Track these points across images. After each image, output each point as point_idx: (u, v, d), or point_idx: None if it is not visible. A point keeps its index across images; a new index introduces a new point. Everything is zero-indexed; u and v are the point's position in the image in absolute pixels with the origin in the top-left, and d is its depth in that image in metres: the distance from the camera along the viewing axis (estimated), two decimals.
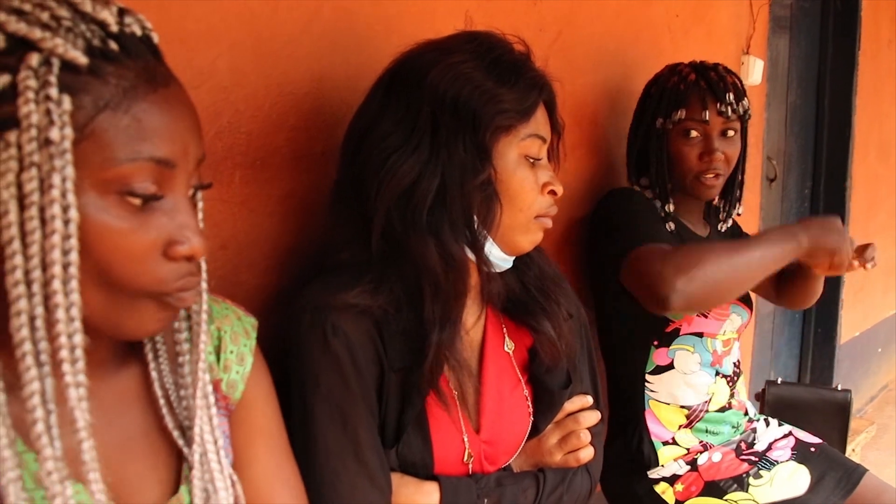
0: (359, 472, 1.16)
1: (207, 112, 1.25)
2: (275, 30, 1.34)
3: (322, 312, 1.16)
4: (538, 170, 1.24)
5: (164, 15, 1.19)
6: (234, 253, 1.32)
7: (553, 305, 1.34)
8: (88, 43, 0.73)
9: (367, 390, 1.18)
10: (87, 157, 0.73)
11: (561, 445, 1.36)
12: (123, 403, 0.91)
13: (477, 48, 1.21)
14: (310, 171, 1.40)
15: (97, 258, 0.75)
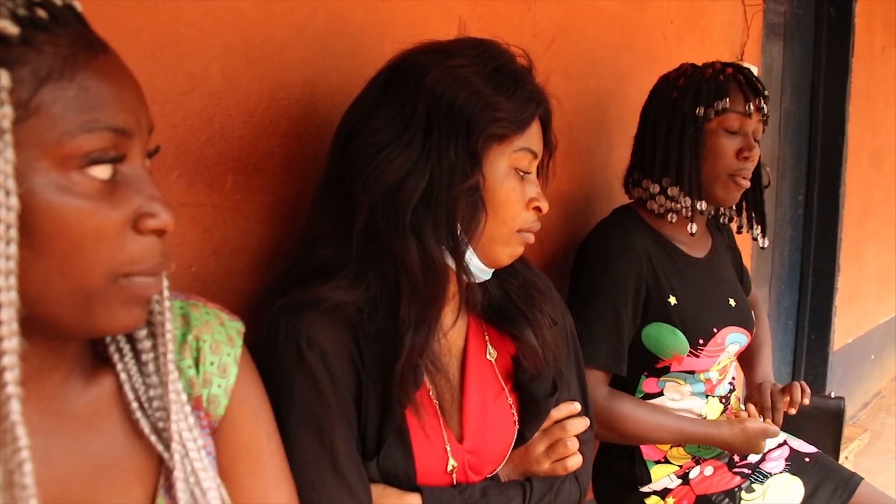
0: (337, 485, 1.14)
1: (199, 117, 1.25)
2: (267, 34, 1.34)
3: (297, 325, 1.14)
4: (526, 184, 1.23)
5: (156, 19, 1.19)
6: (226, 258, 1.31)
7: (536, 314, 1.32)
8: (13, 13, 0.67)
9: (344, 402, 1.16)
10: (38, 134, 0.67)
11: (548, 454, 1.35)
12: (93, 419, 0.84)
13: (479, 54, 1.21)
14: (302, 176, 1.40)
15: (63, 245, 0.69)
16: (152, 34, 1.19)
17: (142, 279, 0.76)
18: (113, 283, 0.74)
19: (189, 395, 0.90)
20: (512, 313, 1.32)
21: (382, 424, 1.18)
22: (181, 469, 0.84)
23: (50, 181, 0.68)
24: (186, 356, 0.91)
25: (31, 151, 0.67)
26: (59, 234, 0.69)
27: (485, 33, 1.77)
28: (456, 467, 1.25)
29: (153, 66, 1.19)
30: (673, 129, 1.86)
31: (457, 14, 1.72)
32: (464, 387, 1.29)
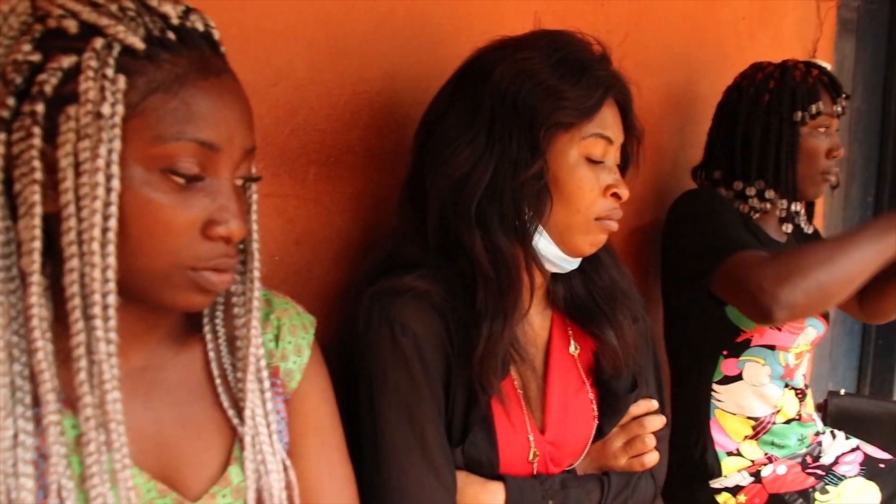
0: (425, 470, 1.17)
1: (284, 109, 1.28)
2: (349, 29, 1.36)
3: (391, 311, 1.17)
4: (601, 171, 1.22)
5: (244, 14, 1.22)
6: (308, 249, 1.33)
7: (618, 315, 1.33)
8: (148, 32, 0.79)
9: (435, 388, 1.19)
10: (136, 133, 0.78)
11: (626, 449, 1.36)
12: (184, 383, 0.95)
13: (547, 45, 1.22)
14: (381, 169, 1.42)
15: (139, 228, 0.79)
16: (241, 28, 1.22)
17: (207, 274, 0.85)
18: (179, 272, 0.83)
19: (268, 364, 0.99)
20: (595, 314, 1.33)
21: (469, 412, 1.21)
22: (250, 448, 0.94)
23: (138, 174, 0.79)
24: (268, 331, 1.02)
25: (130, 146, 0.78)
26: (136, 220, 0.79)
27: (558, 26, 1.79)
28: (538, 456, 1.27)
29: (241, 60, 1.19)
30: (769, 133, 1.88)
31: (532, 10, 1.72)
32: (547, 379, 1.31)
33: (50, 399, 0.79)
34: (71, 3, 0.79)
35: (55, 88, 0.77)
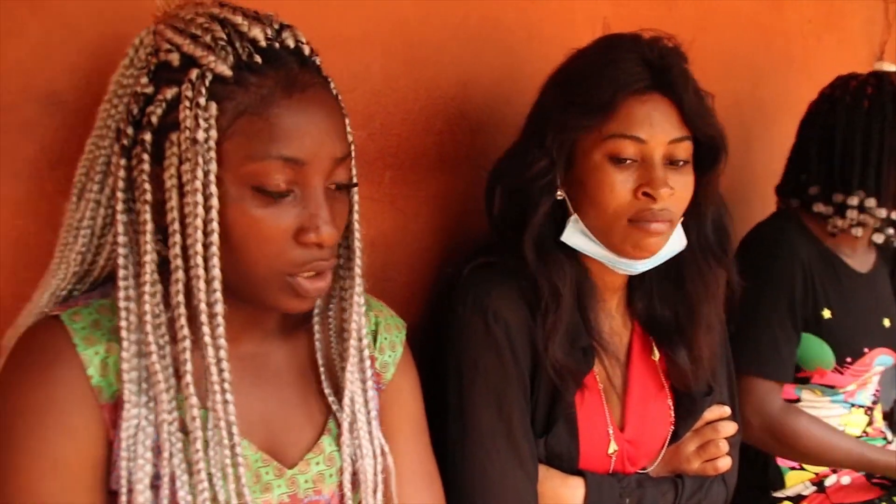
0: (510, 457, 1.20)
1: (361, 115, 1.31)
2: (425, 36, 1.39)
3: (484, 299, 1.22)
4: (634, 171, 1.20)
5: (324, 21, 1.25)
6: (383, 251, 1.36)
7: (695, 330, 1.33)
8: (237, 57, 0.85)
9: (523, 378, 1.22)
10: (230, 154, 0.85)
11: (699, 453, 1.37)
12: (289, 368, 1.03)
13: (586, 51, 1.28)
14: (454, 173, 1.45)
15: (238, 239, 0.87)
16: (320, 35, 1.23)
17: (302, 281, 0.90)
18: (277, 277, 0.89)
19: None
20: (670, 331, 1.34)
21: (553, 405, 1.24)
22: (347, 434, 1.01)
23: (234, 190, 0.86)
24: (368, 326, 1.08)
25: (225, 166, 0.85)
26: (235, 231, 0.86)
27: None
28: (616, 452, 1.30)
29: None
30: (871, 140, 1.81)
31: (601, 15, 1.73)
32: (628, 379, 1.34)
33: (164, 399, 0.87)
34: (176, 37, 0.87)
35: (160, 118, 0.86)
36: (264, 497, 0.96)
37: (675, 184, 1.20)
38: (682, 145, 1.21)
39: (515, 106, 1.54)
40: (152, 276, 0.87)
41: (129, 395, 0.87)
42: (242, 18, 0.88)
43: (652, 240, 1.22)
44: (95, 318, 0.91)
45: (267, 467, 0.97)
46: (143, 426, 0.87)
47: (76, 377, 0.87)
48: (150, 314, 0.87)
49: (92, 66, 1.03)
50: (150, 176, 0.87)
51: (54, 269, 0.97)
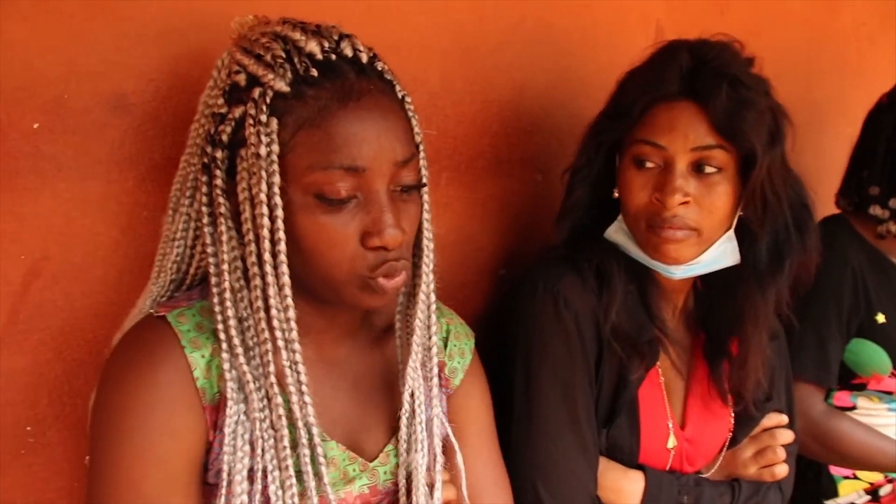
0: (573, 443, 1.22)
1: (419, 117, 1.30)
2: (481, 39, 1.40)
3: (556, 286, 1.24)
4: (655, 176, 1.21)
5: (384, 25, 1.27)
6: (438, 251, 1.36)
7: (752, 342, 1.32)
8: (295, 73, 0.88)
9: (588, 366, 1.24)
10: (293, 166, 0.88)
11: (756, 459, 1.38)
12: (370, 365, 1.07)
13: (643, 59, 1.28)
14: (509, 175, 1.45)
15: (309, 246, 0.90)
16: (380, 39, 1.25)
17: (376, 280, 0.92)
18: (352, 278, 0.92)
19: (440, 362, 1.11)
20: (728, 340, 1.34)
21: (616, 396, 1.25)
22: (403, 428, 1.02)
23: (299, 199, 0.89)
24: (441, 332, 1.12)
25: (290, 178, 0.88)
26: (305, 239, 0.90)
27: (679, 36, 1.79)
28: (675, 448, 1.31)
29: None
30: None
31: (654, 18, 1.74)
32: (690, 379, 1.35)
33: (254, 398, 0.91)
34: (243, 58, 0.91)
35: (230, 136, 0.90)
36: (346, 489, 1.00)
37: (698, 192, 1.19)
38: (712, 153, 1.18)
39: (569, 108, 1.55)
40: (236, 283, 0.92)
41: (230, 393, 0.91)
42: (301, 34, 0.90)
43: (669, 246, 1.21)
44: (199, 321, 0.95)
45: (353, 464, 1.01)
46: (241, 420, 0.91)
47: (183, 378, 0.91)
48: (235, 318, 0.92)
49: (158, 69, 1.06)
50: (225, 191, 0.92)
51: (154, 277, 1.03)
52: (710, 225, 1.21)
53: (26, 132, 0.97)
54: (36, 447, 1.05)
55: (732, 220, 1.24)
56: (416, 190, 0.96)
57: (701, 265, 1.25)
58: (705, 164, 1.19)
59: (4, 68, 0.95)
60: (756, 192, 1.21)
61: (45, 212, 1.01)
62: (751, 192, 1.21)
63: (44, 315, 1.03)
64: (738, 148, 1.18)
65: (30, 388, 1.03)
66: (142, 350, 0.92)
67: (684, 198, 1.18)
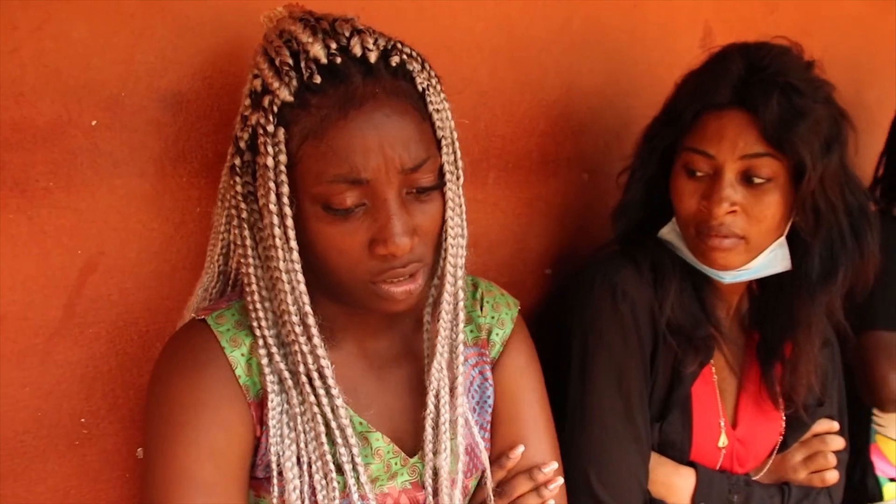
0: (627, 432, 1.23)
1: (468, 116, 1.32)
2: (530, 38, 1.40)
3: (614, 277, 1.25)
4: (704, 184, 1.20)
5: (435, 24, 1.27)
6: (485, 250, 1.38)
7: (804, 349, 1.31)
8: (300, 80, 0.86)
9: (644, 358, 1.25)
10: (301, 176, 0.87)
11: (806, 464, 1.37)
12: (409, 360, 1.06)
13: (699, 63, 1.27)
14: (556, 175, 1.45)
15: (319, 252, 0.90)
16: (431, 38, 1.27)
17: (386, 287, 0.91)
18: (361, 285, 0.91)
19: (477, 338, 1.11)
20: (781, 345, 1.33)
21: (670, 391, 1.26)
22: (428, 429, 1.00)
23: (308, 208, 0.88)
24: (476, 309, 1.13)
25: (298, 188, 0.88)
26: (315, 246, 0.89)
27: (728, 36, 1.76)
28: (726, 447, 1.31)
29: None
30: None
31: (702, 18, 1.72)
32: (743, 380, 1.35)
33: (293, 394, 0.93)
34: (261, 61, 0.90)
35: (247, 143, 0.90)
36: (390, 484, 1.00)
37: (747, 201, 1.18)
38: (761, 162, 1.17)
39: (617, 108, 1.55)
40: (266, 284, 0.93)
41: (271, 386, 0.93)
42: (310, 35, 0.88)
43: (717, 255, 1.21)
44: (238, 319, 0.97)
45: (396, 458, 1.01)
46: (286, 409, 0.93)
47: (227, 377, 0.93)
48: (267, 319, 0.93)
49: (213, 67, 1.08)
50: (244, 196, 0.92)
51: (205, 268, 1.06)
52: (758, 233, 1.20)
53: (85, 129, 0.99)
54: (90, 438, 1.07)
55: (784, 228, 1.23)
56: (435, 189, 0.93)
57: (750, 271, 1.25)
58: (754, 174, 1.17)
59: (65, 66, 0.97)
60: (807, 202, 1.19)
61: (102, 207, 1.03)
62: (802, 202, 1.19)
63: (99, 309, 1.05)
64: (788, 157, 1.16)
65: (85, 380, 1.05)
66: (186, 353, 0.95)
67: (731, 207, 1.18)
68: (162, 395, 0.93)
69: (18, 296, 0.99)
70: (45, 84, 0.96)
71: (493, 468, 1.09)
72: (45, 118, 0.96)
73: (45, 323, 1.01)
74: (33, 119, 0.96)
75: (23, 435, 1.02)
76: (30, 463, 1.03)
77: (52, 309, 1.01)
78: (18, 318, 0.99)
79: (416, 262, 0.92)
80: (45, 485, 1.04)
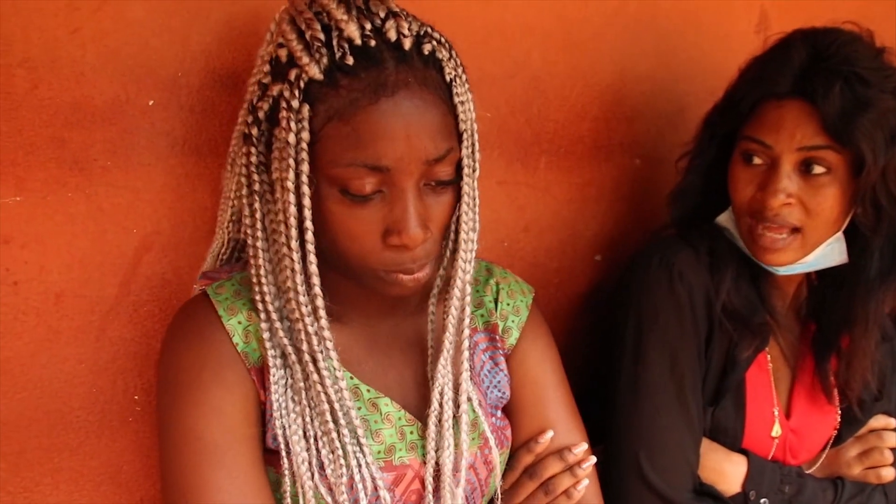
0: (679, 414, 1.21)
1: (520, 100, 1.31)
2: (583, 21, 1.38)
3: (672, 259, 1.24)
4: (761, 173, 1.19)
5: (487, 8, 1.26)
6: (535, 236, 1.37)
7: (861, 342, 1.28)
8: (332, 58, 0.83)
9: (699, 341, 1.23)
10: (320, 156, 0.85)
11: (861, 459, 1.35)
12: (418, 340, 1.05)
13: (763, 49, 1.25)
14: (608, 161, 1.43)
15: (332, 234, 0.88)
16: (483, 22, 1.26)
17: (396, 275, 0.90)
18: (370, 272, 0.90)
19: (488, 322, 1.10)
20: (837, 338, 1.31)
21: (724, 377, 1.25)
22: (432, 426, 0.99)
23: (324, 189, 0.86)
24: (488, 294, 1.11)
25: (316, 167, 0.85)
26: (328, 227, 0.88)
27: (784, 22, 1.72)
28: (779, 437, 1.29)
29: (483, 52, 1.26)
30: None
31: (758, 3, 1.69)
32: (798, 370, 1.33)
33: (297, 369, 0.92)
34: (287, 31, 0.87)
35: (266, 114, 0.87)
36: (410, 455, 0.99)
37: (804, 193, 1.16)
38: (820, 154, 1.14)
39: (671, 94, 1.53)
40: (272, 258, 0.92)
41: (272, 360, 0.92)
42: (345, 12, 0.85)
43: (769, 255, 1.20)
44: (237, 289, 0.97)
45: (412, 426, 1.00)
46: (290, 383, 0.93)
47: (225, 342, 0.93)
48: (271, 293, 0.92)
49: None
50: (259, 167, 0.90)
51: (216, 234, 1.05)
52: (814, 226, 1.18)
53: (143, 109, 1.00)
54: (143, 415, 1.09)
55: (842, 222, 1.20)
56: (452, 183, 0.92)
57: (805, 265, 1.23)
58: (814, 165, 1.15)
59: (124, 46, 0.98)
60: (867, 196, 1.16)
61: (158, 187, 1.04)
62: (862, 196, 1.16)
63: (153, 287, 1.06)
64: (849, 150, 1.14)
65: (139, 357, 1.07)
66: (187, 323, 0.95)
67: (787, 199, 1.16)
68: (167, 363, 0.94)
69: (75, 273, 1.00)
70: (105, 64, 0.97)
71: (521, 452, 1.09)
72: (104, 98, 0.97)
73: (100, 300, 1.03)
74: (93, 98, 0.97)
75: (78, 410, 1.04)
76: (84, 438, 1.05)
77: (108, 287, 1.03)
78: (75, 296, 1.01)
79: (425, 258, 0.91)
80: (99, 459, 1.06)
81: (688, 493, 1.21)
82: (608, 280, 1.50)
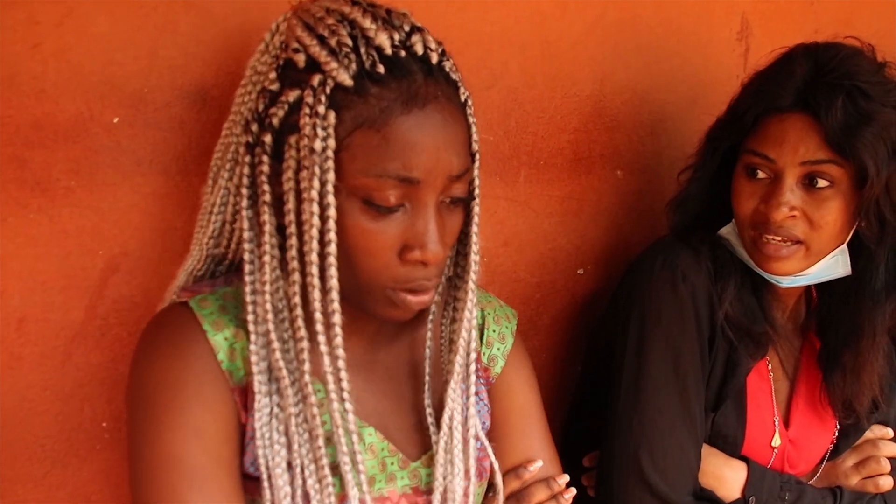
0: (681, 416, 1.21)
1: (498, 112, 1.29)
2: (562, 31, 1.35)
3: (675, 260, 1.24)
4: (763, 187, 1.19)
5: (464, 18, 1.24)
6: (515, 250, 1.35)
7: (863, 355, 1.28)
8: (360, 66, 0.82)
9: (702, 343, 1.23)
10: (345, 164, 0.82)
11: (858, 469, 1.37)
12: (403, 369, 1.03)
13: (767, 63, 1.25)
14: (589, 173, 1.41)
15: (345, 247, 0.85)
16: (460, 32, 1.24)
17: (403, 295, 0.88)
18: (378, 289, 0.88)
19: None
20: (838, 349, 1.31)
21: (725, 382, 1.24)
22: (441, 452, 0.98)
23: (344, 201, 0.84)
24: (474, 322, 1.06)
25: (339, 175, 0.83)
26: (343, 239, 0.85)
27: (766, 30, 1.72)
28: (779, 447, 1.29)
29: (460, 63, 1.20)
30: None
31: (740, 10, 1.67)
32: (797, 381, 1.34)
33: (289, 393, 0.88)
34: (304, 36, 0.85)
35: (281, 120, 0.84)
36: (389, 487, 0.96)
37: (807, 206, 1.16)
38: (823, 168, 1.15)
39: (653, 104, 1.51)
40: (272, 275, 0.88)
41: (258, 386, 0.88)
42: (371, 21, 0.84)
43: (773, 264, 1.20)
44: (221, 304, 0.93)
45: (393, 458, 0.98)
46: (276, 413, 0.89)
47: (208, 359, 0.89)
48: (272, 311, 0.88)
49: (238, 62, 1.04)
50: (270, 177, 0.87)
51: (192, 250, 1.00)
52: (818, 239, 1.18)
53: (107, 126, 0.97)
54: (112, 442, 1.05)
55: (846, 234, 1.21)
56: (463, 202, 0.91)
57: (808, 276, 1.23)
58: (817, 179, 1.15)
59: (87, 62, 0.95)
60: (871, 209, 1.17)
61: (124, 206, 1.01)
62: (865, 209, 1.16)
63: (121, 310, 1.03)
64: (852, 163, 1.14)
65: (107, 382, 1.03)
66: (166, 334, 0.91)
67: (790, 212, 1.16)
68: (143, 378, 0.89)
69: (39, 297, 0.97)
70: (67, 80, 0.94)
71: (508, 478, 1.08)
72: (67, 115, 0.94)
73: (66, 324, 0.99)
74: (55, 116, 0.94)
75: (43, 439, 1.00)
76: (50, 468, 1.01)
77: (74, 310, 1.00)
78: (39, 320, 0.97)
79: (437, 276, 0.90)
80: (66, 490, 1.03)
81: (688, 496, 1.21)
82: (592, 294, 1.48)
